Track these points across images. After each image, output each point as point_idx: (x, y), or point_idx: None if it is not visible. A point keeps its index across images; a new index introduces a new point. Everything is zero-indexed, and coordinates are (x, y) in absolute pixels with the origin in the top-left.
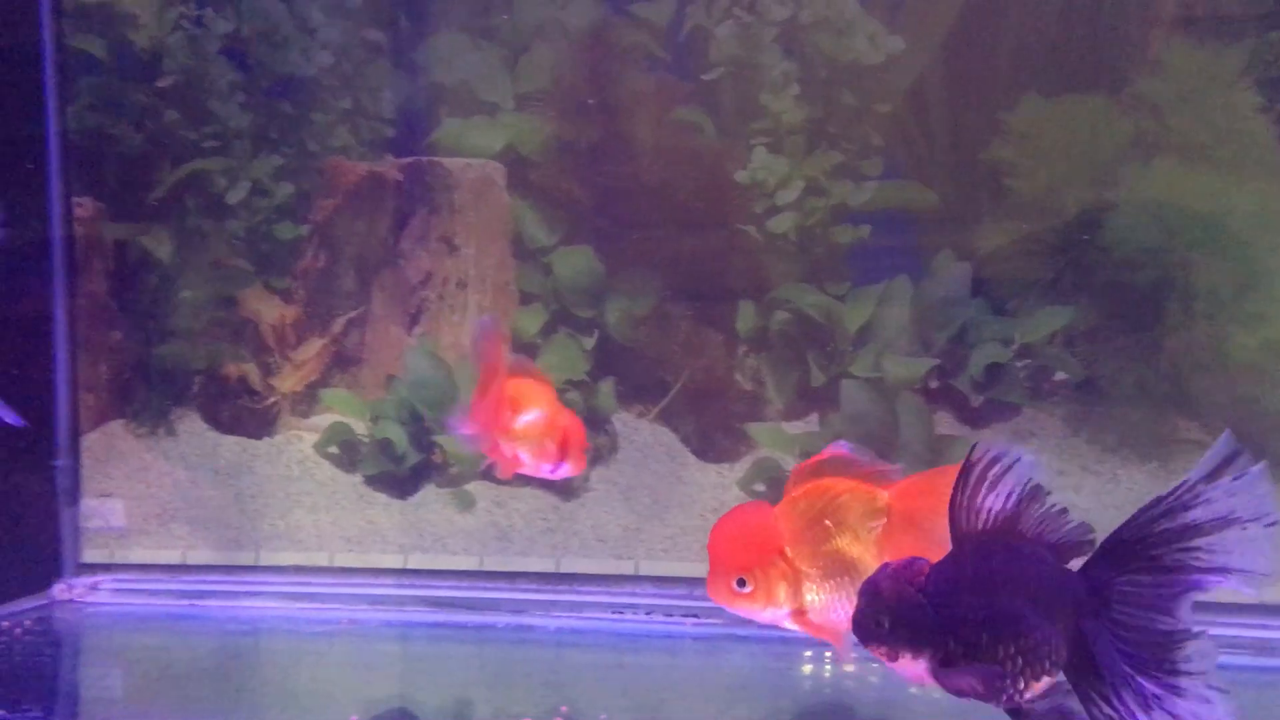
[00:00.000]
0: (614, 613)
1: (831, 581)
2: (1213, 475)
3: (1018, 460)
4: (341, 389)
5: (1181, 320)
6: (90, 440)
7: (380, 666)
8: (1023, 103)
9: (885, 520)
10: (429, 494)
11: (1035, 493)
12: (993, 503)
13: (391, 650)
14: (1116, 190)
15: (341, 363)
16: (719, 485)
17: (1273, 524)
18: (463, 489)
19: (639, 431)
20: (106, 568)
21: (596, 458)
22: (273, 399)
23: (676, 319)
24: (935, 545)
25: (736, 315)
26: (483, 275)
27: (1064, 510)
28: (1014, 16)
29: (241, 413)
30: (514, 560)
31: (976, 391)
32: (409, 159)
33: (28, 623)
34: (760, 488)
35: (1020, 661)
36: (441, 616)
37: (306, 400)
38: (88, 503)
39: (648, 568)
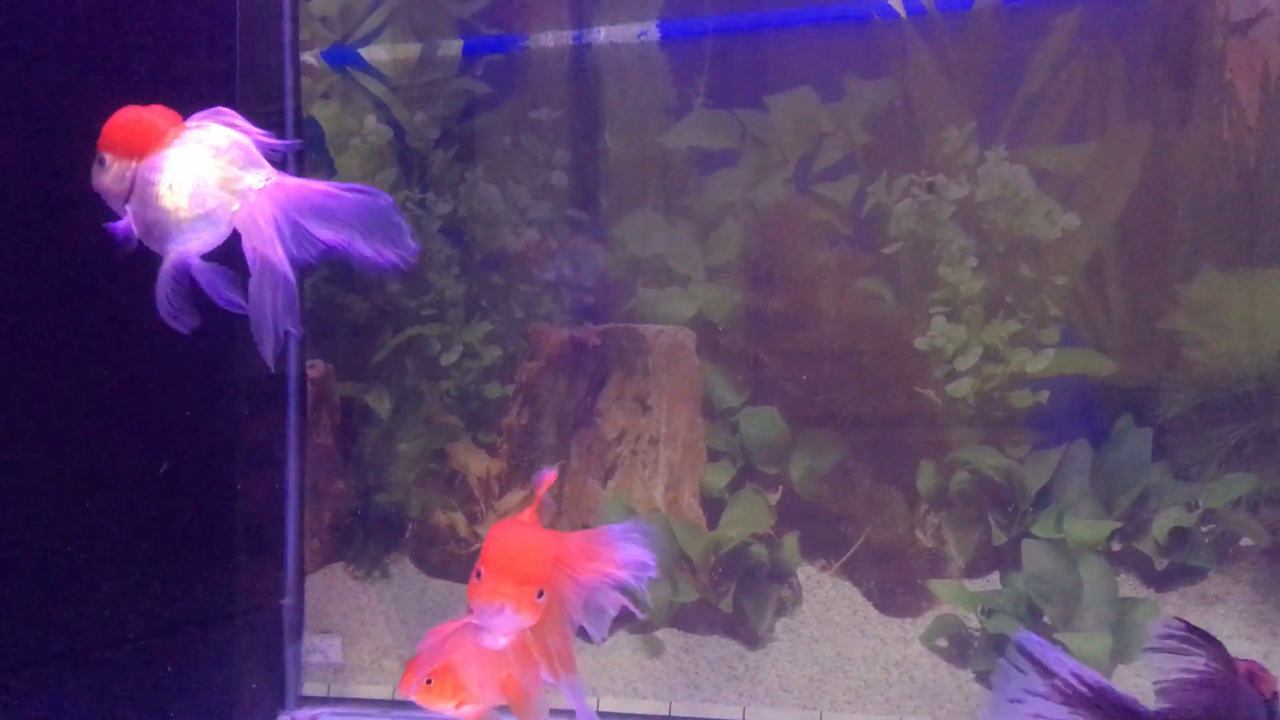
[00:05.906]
0: None
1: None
2: None
3: None
4: None
5: None
6: (313, 580)
7: None
8: (1199, 276)
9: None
10: (619, 639)
11: None
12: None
13: None
14: None
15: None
16: (901, 639)
17: None
18: (651, 635)
19: (822, 585)
20: (325, 700)
21: (781, 609)
22: (477, 545)
23: (859, 477)
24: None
25: (917, 474)
26: (674, 433)
27: None
28: (1187, 194)
29: (449, 558)
30: (701, 707)
31: (1160, 555)
32: (607, 325)
33: None
34: (943, 643)
35: None
36: None
37: None
38: (309, 639)
39: (831, 719)
